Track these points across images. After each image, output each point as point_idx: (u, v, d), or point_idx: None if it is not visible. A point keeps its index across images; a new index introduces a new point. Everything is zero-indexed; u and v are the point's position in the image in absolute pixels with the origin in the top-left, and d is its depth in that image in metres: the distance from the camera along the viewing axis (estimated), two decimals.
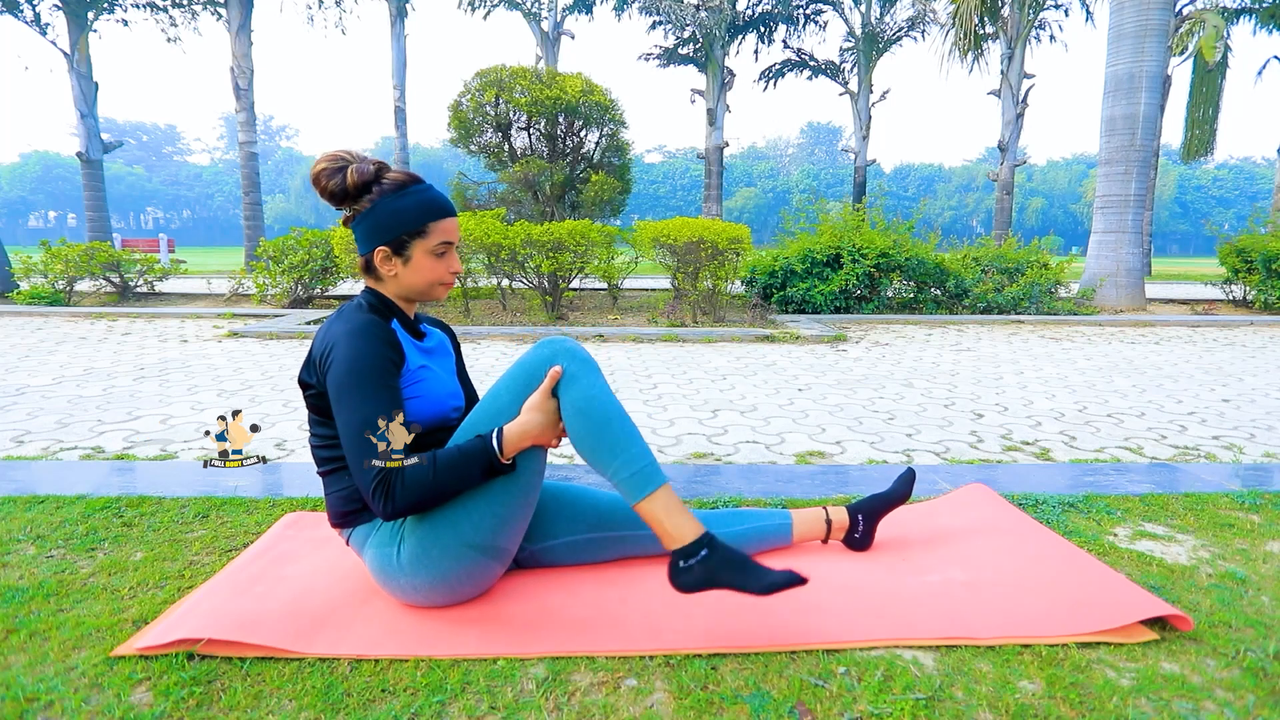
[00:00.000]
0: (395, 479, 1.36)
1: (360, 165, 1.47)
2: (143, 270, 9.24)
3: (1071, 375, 4.91)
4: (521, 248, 7.19)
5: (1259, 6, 15.60)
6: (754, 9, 18.05)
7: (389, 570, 1.48)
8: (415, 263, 1.50)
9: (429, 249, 1.50)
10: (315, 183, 1.49)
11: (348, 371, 1.39)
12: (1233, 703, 1.25)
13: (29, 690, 1.25)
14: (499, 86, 9.91)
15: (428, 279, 1.52)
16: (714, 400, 4.00)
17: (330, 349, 1.42)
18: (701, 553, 1.39)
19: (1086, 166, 66.58)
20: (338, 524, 1.55)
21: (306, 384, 1.49)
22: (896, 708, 1.22)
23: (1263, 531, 2.01)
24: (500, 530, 1.48)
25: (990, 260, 8.90)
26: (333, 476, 1.52)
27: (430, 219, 1.49)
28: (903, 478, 1.86)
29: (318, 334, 1.49)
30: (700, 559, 1.39)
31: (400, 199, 1.47)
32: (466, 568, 1.47)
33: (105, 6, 15.09)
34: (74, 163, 56.86)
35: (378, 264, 1.51)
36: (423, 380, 1.52)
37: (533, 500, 1.51)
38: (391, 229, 1.48)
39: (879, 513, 1.83)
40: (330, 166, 1.47)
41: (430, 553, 1.45)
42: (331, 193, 1.48)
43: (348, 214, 1.51)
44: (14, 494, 2.22)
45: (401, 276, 1.52)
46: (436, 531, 1.45)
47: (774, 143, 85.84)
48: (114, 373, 4.61)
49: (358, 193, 1.48)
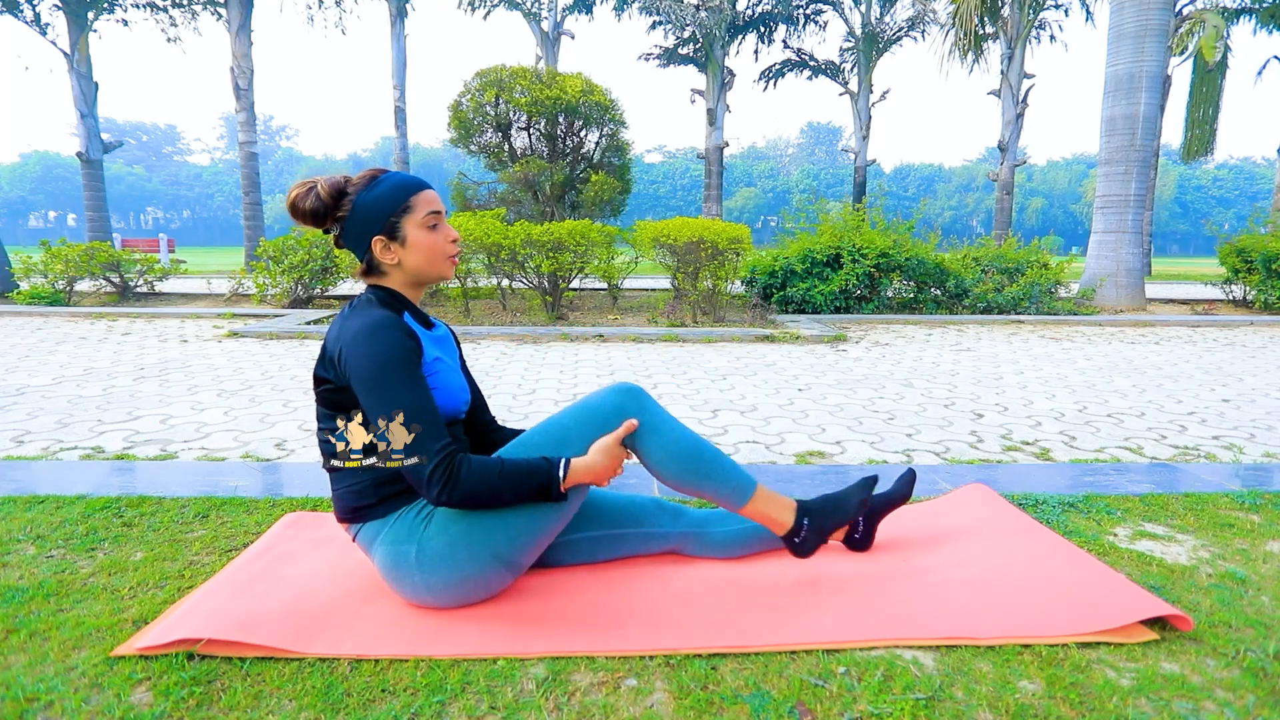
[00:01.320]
0: (462, 465, 1.40)
1: (327, 179, 1.51)
2: (143, 270, 9.24)
3: (1071, 375, 4.91)
4: (521, 248, 7.19)
5: (1259, 6, 15.60)
6: (754, 9, 18.05)
7: (403, 566, 1.47)
8: (412, 241, 1.51)
9: (419, 222, 1.51)
10: (294, 211, 1.50)
11: (379, 366, 1.40)
12: (1233, 703, 1.25)
13: (29, 690, 1.25)
14: (499, 86, 9.91)
15: (429, 254, 1.53)
16: (714, 400, 4.00)
17: (349, 345, 1.42)
18: (804, 524, 1.71)
19: (1086, 166, 66.58)
20: (346, 519, 1.54)
21: (322, 379, 1.48)
22: (896, 708, 1.22)
23: (1263, 531, 2.01)
24: (528, 548, 1.52)
25: (990, 260, 8.90)
26: (343, 472, 1.51)
27: (409, 194, 1.51)
28: (903, 478, 1.85)
29: (331, 330, 1.49)
30: (806, 529, 1.71)
31: (374, 189, 1.50)
32: (485, 576, 1.49)
33: (105, 6, 15.09)
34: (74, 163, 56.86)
35: (378, 255, 1.52)
36: (438, 373, 1.53)
37: (560, 528, 1.58)
38: (377, 217, 1.49)
39: (879, 513, 1.82)
40: (301, 190, 1.50)
41: (456, 554, 1.46)
42: (313, 212, 1.49)
43: (335, 231, 1.53)
44: (14, 494, 2.22)
45: (404, 260, 1.52)
46: (469, 536, 1.46)
47: (774, 143, 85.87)
48: (114, 373, 4.61)
49: (334, 201, 1.50)
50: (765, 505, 1.67)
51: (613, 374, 4.77)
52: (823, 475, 2.58)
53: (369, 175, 1.53)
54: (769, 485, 2.41)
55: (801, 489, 2.39)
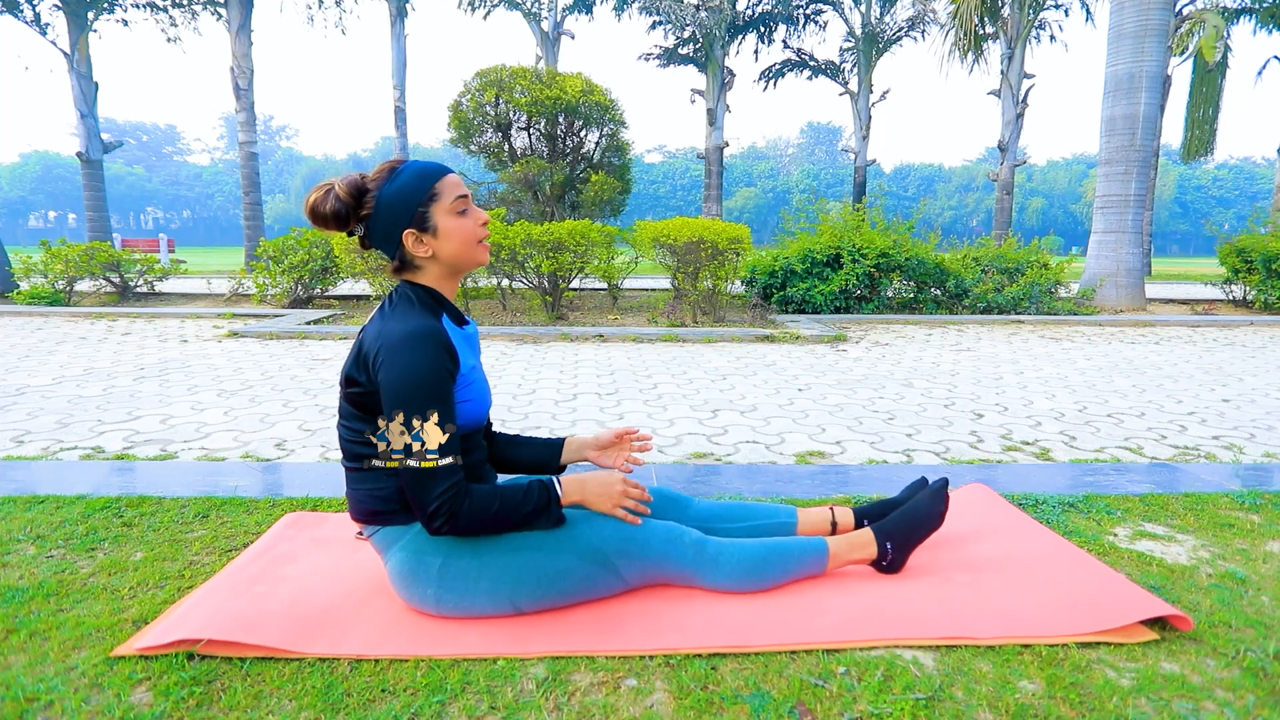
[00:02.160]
0: (462, 505, 1.39)
1: (343, 177, 1.46)
2: (143, 270, 9.24)
3: (1071, 375, 4.91)
4: (521, 248, 7.19)
5: (1259, 6, 15.60)
6: (754, 9, 18.05)
7: (420, 576, 1.46)
8: (444, 229, 1.46)
9: (448, 209, 1.46)
10: (315, 216, 1.44)
11: (413, 385, 1.36)
12: (1233, 703, 1.25)
13: (29, 690, 1.25)
14: (499, 86, 9.91)
15: (463, 241, 1.48)
16: (714, 400, 4.00)
17: (388, 351, 1.38)
18: (888, 548, 1.68)
19: (1086, 166, 66.57)
20: (363, 520, 1.51)
21: (354, 380, 1.43)
22: (896, 708, 1.22)
23: (1263, 531, 2.01)
24: (540, 604, 1.50)
25: (990, 260, 8.90)
26: (363, 474, 1.48)
27: (433, 180, 1.46)
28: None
29: (369, 328, 1.44)
30: (891, 551, 1.68)
31: (395, 181, 1.44)
32: (492, 612, 1.49)
33: (105, 6, 15.08)
34: (74, 163, 56.86)
35: (411, 250, 1.46)
36: (472, 383, 1.51)
37: (584, 600, 1.54)
38: (405, 210, 1.44)
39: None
40: (319, 194, 1.45)
41: (479, 584, 1.45)
42: (335, 214, 1.44)
43: (360, 231, 1.48)
44: (14, 494, 2.22)
45: (439, 251, 1.47)
46: (497, 576, 1.45)
47: (774, 143, 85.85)
48: (114, 373, 4.61)
49: (355, 201, 1.44)
50: (848, 555, 1.67)
51: (613, 374, 4.77)
52: (823, 475, 2.58)
53: (387, 168, 1.47)
54: (769, 485, 2.42)
55: (802, 489, 2.39)
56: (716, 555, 1.57)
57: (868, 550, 1.67)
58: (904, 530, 1.69)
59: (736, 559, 1.58)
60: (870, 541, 1.67)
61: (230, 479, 2.43)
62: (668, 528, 1.58)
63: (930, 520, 1.71)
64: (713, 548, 1.58)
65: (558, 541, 1.48)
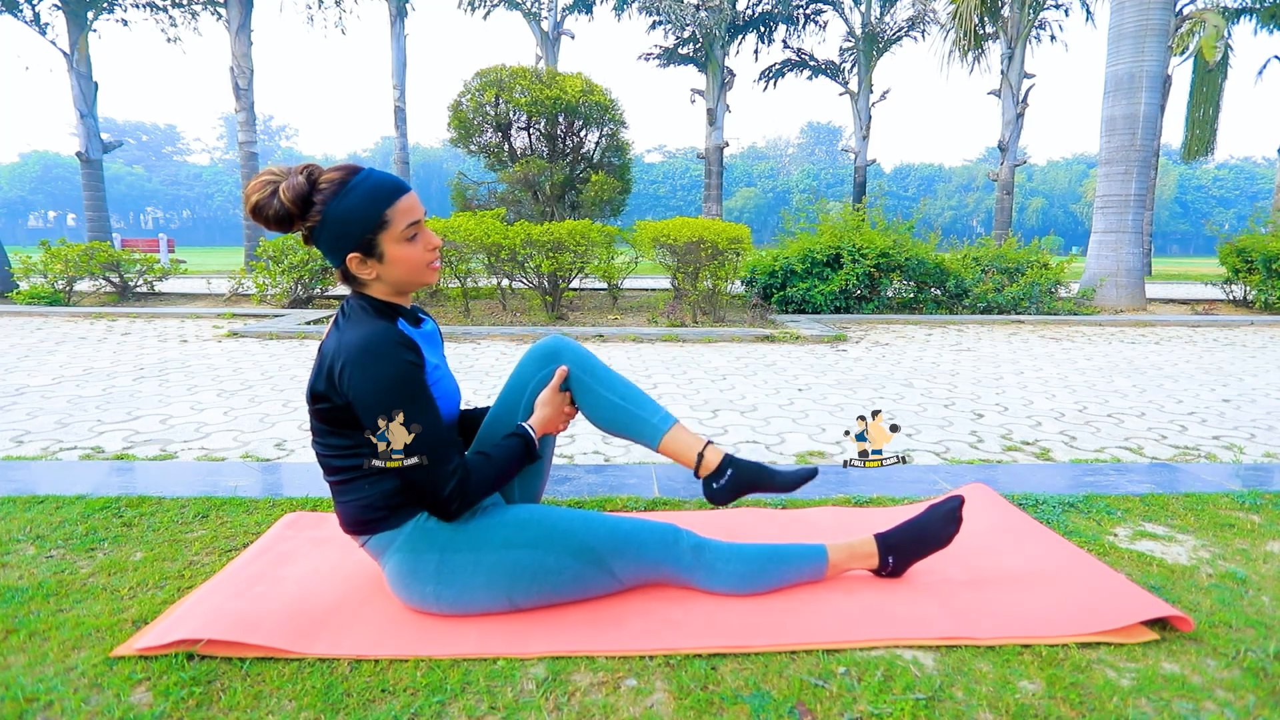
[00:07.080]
0: (469, 482, 1.44)
1: (289, 180, 1.37)
2: (142, 270, 9.24)
3: (1071, 375, 4.91)
4: (521, 248, 7.19)
5: (1259, 6, 15.60)
6: (754, 9, 18.04)
7: (420, 575, 1.46)
8: (390, 256, 1.41)
9: (397, 237, 1.40)
10: (256, 214, 1.37)
11: (385, 390, 1.36)
12: (1233, 703, 1.25)
13: (29, 690, 1.25)
14: (499, 86, 9.91)
15: (409, 268, 1.44)
16: (714, 400, 4.00)
17: (351, 364, 1.36)
18: (889, 560, 1.65)
19: (1086, 166, 66.57)
20: (354, 532, 1.51)
21: (321, 396, 1.40)
22: (896, 708, 1.22)
23: (1263, 531, 2.01)
24: (537, 601, 1.52)
25: (990, 260, 8.90)
26: (347, 486, 1.47)
27: (384, 206, 1.38)
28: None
29: (326, 344, 1.42)
30: (893, 563, 1.65)
31: (345, 199, 1.37)
32: (490, 608, 1.50)
33: (105, 6, 15.07)
34: (74, 163, 56.85)
35: (355, 271, 1.43)
36: (439, 380, 1.51)
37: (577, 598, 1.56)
38: (351, 233, 1.38)
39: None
40: (263, 195, 1.37)
41: (474, 580, 1.46)
42: (277, 217, 1.37)
43: (304, 233, 1.42)
44: (14, 494, 2.22)
45: (384, 274, 1.44)
46: (493, 570, 1.47)
47: (774, 143, 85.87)
48: (114, 373, 4.61)
49: (300, 209, 1.38)
50: (848, 564, 1.65)
51: None
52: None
53: (339, 179, 1.38)
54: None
55: (801, 489, 2.38)
56: (714, 560, 1.57)
57: (869, 561, 1.66)
58: (908, 545, 1.66)
59: (735, 565, 1.58)
60: (873, 553, 1.66)
61: (230, 479, 2.43)
62: (666, 529, 1.58)
63: (937, 541, 1.65)
64: (710, 553, 1.58)
65: (551, 539, 1.49)
